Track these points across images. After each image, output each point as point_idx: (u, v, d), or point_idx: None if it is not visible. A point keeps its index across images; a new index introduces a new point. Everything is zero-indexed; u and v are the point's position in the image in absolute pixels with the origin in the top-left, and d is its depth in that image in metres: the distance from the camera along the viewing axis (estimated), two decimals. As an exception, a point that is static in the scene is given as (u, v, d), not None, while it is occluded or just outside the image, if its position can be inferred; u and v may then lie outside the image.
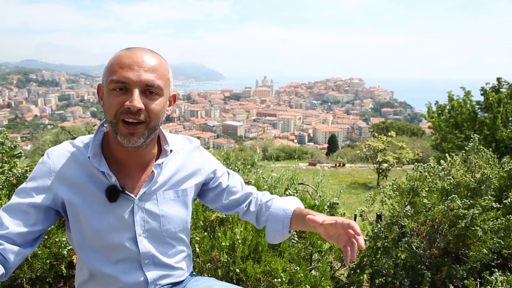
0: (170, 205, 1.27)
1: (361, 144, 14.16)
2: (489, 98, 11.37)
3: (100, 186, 1.16)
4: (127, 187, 1.20)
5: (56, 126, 15.94)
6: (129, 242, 1.20)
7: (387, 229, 2.23)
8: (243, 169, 4.38)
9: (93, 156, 1.14)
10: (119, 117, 1.07)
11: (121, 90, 1.07)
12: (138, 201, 1.20)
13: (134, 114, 1.06)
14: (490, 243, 2.03)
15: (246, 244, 1.89)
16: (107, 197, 1.16)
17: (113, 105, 1.07)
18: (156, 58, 1.12)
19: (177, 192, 1.30)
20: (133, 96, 1.06)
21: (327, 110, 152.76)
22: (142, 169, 1.23)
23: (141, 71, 1.07)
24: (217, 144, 71.18)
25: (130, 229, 1.20)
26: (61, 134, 14.34)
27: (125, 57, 1.08)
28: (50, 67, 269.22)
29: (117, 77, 1.06)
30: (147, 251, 1.23)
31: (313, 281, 1.87)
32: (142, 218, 1.22)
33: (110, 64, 1.10)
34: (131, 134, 1.08)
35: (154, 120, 1.11)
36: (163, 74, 1.12)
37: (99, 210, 1.16)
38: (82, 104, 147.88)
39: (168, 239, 1.28)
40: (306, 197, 2.25)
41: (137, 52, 1.10)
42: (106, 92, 1.10)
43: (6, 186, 2.01)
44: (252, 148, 22.87)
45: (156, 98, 1.10)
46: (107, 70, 1.10)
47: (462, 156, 2.53)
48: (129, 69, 1.06)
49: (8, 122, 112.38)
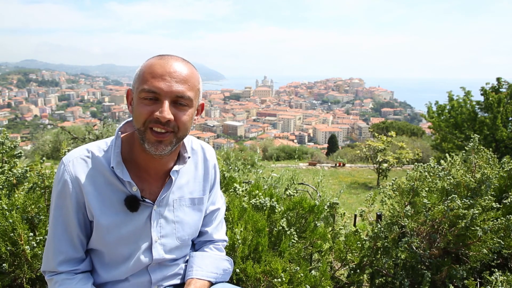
0: (185, 212, 1.28)
1: (361, 144, 14.15)
2: (489, 98, 11.36)
3: (120, 194, 1.16)
4: (145, 192, 1.20)
5: (56, 126, 15.94)
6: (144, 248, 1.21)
7: (387, 229, 2.23)
8: (243, 169, 4.38)
9: (117, 166, 1.14)
10: (148, 125, 1.07)
11: (152, 100, 1.06)
12: (156, 207, 1.21)
13: (163, 124, 1.06)
14: (490, 243, 2.03)
15: (246, 244, 1.89)
16: (128, 207, 1.16)
17: (143, 114, 1.07)
18: (187, 68, 1.11)
19: (194, 200, 1.30)
20: (163, 107, 1.05)
21: (327, 110, 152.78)
22: (160, 175, 1.23)
23: (173, 82, 1.06)
24: (217, 144, 71.19)
25: (147, 235, 1.21)
26: (61, 134, 14.34)
27: (157, 66, 1.07)
28: (50, 67, 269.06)
29: (149, 86, 1.05)
30: (159, 258, 1.24)
31: (313, 281, 1.87)
32: (159, 224, 1.22)
33: (142, 72, 1.09)
34: (159, 141, 1.08)
35: (182, 131, 1.11)
36: (193, 85, 1.11)
37: (118, 220, 1.16)
38: (82, 104, 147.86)
39: (180, 246, 1.29)
40: (306, 197, 2.25)
41: (170, 62, 1.09)
42: (136, 99, 1.09)
43: (6, 186, 2.01)
44: (252, 148, 22.87)
45: (186, 109, 1.10)
46: (139, 78, 1.09)
47: (462, 156, 2.52)
48: (160, 79, 1.05)
49: (8, 122, 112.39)
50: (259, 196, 2.22)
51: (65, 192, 1.14)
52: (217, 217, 1.44)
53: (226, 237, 1.48)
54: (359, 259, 2.25)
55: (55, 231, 1.16)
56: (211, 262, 1.35)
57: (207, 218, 1.40)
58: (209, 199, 1.38)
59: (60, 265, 1.16)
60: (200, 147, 1.35)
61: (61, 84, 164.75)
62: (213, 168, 1.37)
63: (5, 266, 1.66)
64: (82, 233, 1.18)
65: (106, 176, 1.15)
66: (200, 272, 1.31)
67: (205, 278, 1.30)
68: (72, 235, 1.16)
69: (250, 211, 2.06)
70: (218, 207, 1.43)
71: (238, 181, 2.60)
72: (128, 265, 1.20)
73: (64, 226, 1.16)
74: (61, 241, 1.16)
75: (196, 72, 1.15)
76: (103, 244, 1.18)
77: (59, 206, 1.15)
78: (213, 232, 1.42)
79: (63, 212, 1.15)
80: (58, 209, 1.16)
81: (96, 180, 1.15)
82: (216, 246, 1.42)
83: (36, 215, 1.78)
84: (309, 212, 2.20)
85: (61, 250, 1.16)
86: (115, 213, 1.16)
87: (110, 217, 1.15)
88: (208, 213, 1.40)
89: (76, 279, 1.17)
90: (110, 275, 1.21)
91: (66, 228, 1.16)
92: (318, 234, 2.18)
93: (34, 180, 2.06)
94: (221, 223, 1.46)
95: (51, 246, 1.17)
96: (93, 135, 10.89)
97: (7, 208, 1.72)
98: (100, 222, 1.15)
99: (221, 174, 2.58)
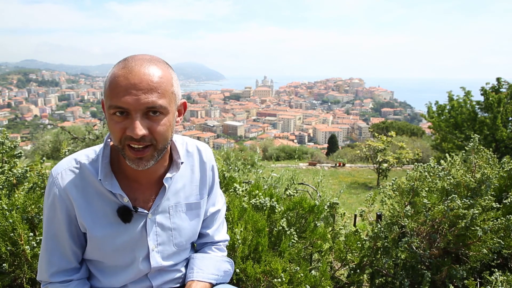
0: (182, 218, 1.25)
1: (361, 144, 14.14)
2: (489, 98, 11.36)
3: (112, 205, 1.13)
4: (138, 201, 1.16)
5: (56, 126, 15.93)
6: (142, 258, 1.20)
7: (387, 229, 2.23)
8: (243, 169, 4.38)
9: (104, 178, 1.10)
10: (124, 142, 1.01)
11: (122, 114, 0.99)
12: (150, 215, 1.18)
13: (138, 140, 1.00)
14: (490, 243, 2.03)
15: (246, 244, 1.89)
16: (121, 219, 1.13)
17: (116, 131, 1.00)
18: (155, 73, 1.00)
19: (190, 205, 1.27)
20: (133, 124, 0.97)
21: (327, 110, 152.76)
22: (153, 183, 1.19)
23: (140, 94, 0.96)
24: (217, 144, 71.18)
25: (144, 244, 1.19)
26: (61, 134, 14.33)
27: (121, 78, 0.97)
28: (50, 67, 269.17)
29: (115, 103, 0.97)
30: (158, 266, 1.23)
31: (313, 281, 1.87)
32: (155, 232, 1.20)
33: (107, 86, 1.00)
34: (139, 158, 1.03)
35: (161, 142, 1.04)
36: (165, 91, 1.00)
37: (112, 231, 1.14)
38: (82, 104, 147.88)
39: (178, 252, 1.28)
40: (306, 197, 2.25)
41: (134, 70, 0.97)
42: (107, 115, 1.02)
43: (6, 186, 2.01)
44: (252, 148, 22.86)
45: (160, 119, 1.01)
46: (105, 92, 1.02)
47: (462, 156, 2.52)
48: (126, 93, 0.96)
49: (8, 122, 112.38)
50: (259, 196, 2.21)
51: (55, 205, 1.11)
52: (218, 218, 1.42)
53: (227, 236, 1.47)
54: (359, 259, 2.25)
55: (47, 243, 1.15)
56: (211, 264, 1.33)
57: (208, 220, 1.38)
58: (209, 201, 1.36)
59: (53, 276, 1.15)
60: (196, 149, 1.29)
61: (61, 84, 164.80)
62: (211, 170, 1.32)
63: (5, 266, 1.66)
64: (76, 244, 1.16)
65: (97, 187, 1.11)
66: (201, 274, 1.29)
67: (205, 280, 1.29)
68: (64, 248, 1.14)
69: (250, 211, 2.06)
70: (219, 208, 1.41)
71: (238, 181, 2.59)
72: (127, 273, 1.19)
73: (56, 239, 1.14)
74: (53, 254, 1.14)
75: (168, 73, 1.04)
76: (99, 254, 1.17)
77: (50, 219, 1.13)
78: (215, 234, 1.40)
79: (55, 225, 1.13)
80: (49, 222, 1.13)
81: (87, 192, 1.11)
82: (217, 247, 1.41)
83: (36, 215, 1.78)
84: (309, 212, 2.20)
85: (53, 262, 1.14)
86: (108, 224, 1.13)
87: (104, 229, 1.12)
88: (208, 216, 1.37)
89: (71, 286, 1.15)
90: (110, 282, 1.19)
91: (58, 241, 1.14)
92: (318, 234, 2.18)
93: (34, 180, 2.06)
94: (222, 224, 1.45)
95: (44, 258, 1.16)
96: (93, 135, 10.87)
97: (7, 208, 1.72)
98: (94, 234, 1.12)
99: (221, 174, 2.58)
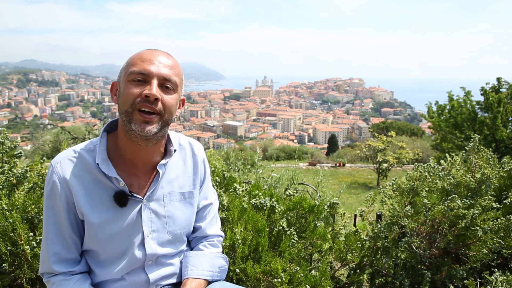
0: (176, 207, 1.29)
1: (361, 144, 14.14)
2: (489, 98, 11.36)
3: (108, 191, 1.18)
4: (134, 187, 1.22)
5: (56, 126, 15.94)
6: (137, 243, 1.23)
7: (387, 229, 2.23)
8: (243, 169, 4.38)
9: (102, 162, 1.17)
10: (136, 106, 1.11)
11: (140, 82, 1.12)
12: (145, 201, 1.22)
13: (151, 103, 1.11)
14: (490, 243, 2.03)
15: (246, 244, 1.89)
16: (117, 203, 1.18)
17: (131, 95, 1.11)
18: (173, 59, 1.20)
19: (184, 194, 1.32)
20: (151, 85, 1.11)
21: (327, 110, 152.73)
22: (148, 169, 1.25)
23: (161, 66, 1.14)
24: (217, 144, 71.17)
25: (139, 230, 1.23)
26: (61, 134, 14.31)
27: (146, 53, 1.16)
28: (50, 67, 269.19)
29: (138, 68, 1.12)
30: (153, 252, 1.25)
31: (313, 281, 1.87)
32: (149, 218, 1.24)
33: (131, 59, 1.16)
34: (146, 122, 1.12)
35: (168, 113, 1.16)
36: (178, 73, 1.19)
37: (108, 217, 1.18)
38: (82, 104, 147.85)
39: (172, 241, 1.30)
40: (306, 197, 2.25)
41: (157, 51, 1.18)
42: (124, 84, 1.14)
43: (6, 186, 2.01)
44: (252, 148, 22.87)
45: (171, 93, 1.16)
46: (127, 64, 1.16)
47: (462, 156, 2.52)
48: (149, 62, 1.14)
49: (8, 122, 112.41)
50: (259, 196, 2.22)
51: (55, 193, 1.16)
52: (210, 212, 1.45)
53: (221, 232, 1.49)
54: (359, 259, 2.25)
55: (47, 232, 1.19)
56: (205, 260, 1.36)
57: (200, 213, 1.42)
58: (201, 194, 1.40)
59: (55, 264, 1.18)
60: (187, 143, 1.37)
61: (61, 84, 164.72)
62: (202, 163, 1.39)
63: (5, 266, 1.66)
64: (75, 233, 1.20)
65: (94, 174, 1.18)
66: (195, 271, 1.32)
67: (200, 277, 1.31)
68: (64, 236, 1.18)
69: (250, 211, 2.06)
70: (211, 202, 1.44)
71: (238, 181, 2.59)
72: (123, 262, 1.21)
73: (56, 226, 1.18)
74: (54, 242, 1.18)
75: (180, 67, 1.22)
76: (96, 242, 1.19)
77: (50, 207, 1.18)
78: (207, 227, 1.43)
79: (54, 212, 1.18)
80: (49, 210, 1.18)
81: (84, 179, 1.17)
82: (211, 243, 1.43)
83: (36, 215, 1.79)
84: (309, 212, 2.20)
85: (54, 250, 1.18)
86: (105, 210, 1.18)
87: (101, 214, 1.17)
88: (200, 208, 1.41)
89: (74, 280, 1.18)
90: (107, 273, 1.21)
91: (58, 229, 1.18)
92: (318, 234, 2.18)
93: (34, 180, 2.06)
94: (215, 218, 1.47)
95: (45, 247, 1.20)
96: (93, 135, 10.85)
97: (7, 208, 1.72)
98: (91, 220, 1.16)
99: (221, 174, 2.58)
